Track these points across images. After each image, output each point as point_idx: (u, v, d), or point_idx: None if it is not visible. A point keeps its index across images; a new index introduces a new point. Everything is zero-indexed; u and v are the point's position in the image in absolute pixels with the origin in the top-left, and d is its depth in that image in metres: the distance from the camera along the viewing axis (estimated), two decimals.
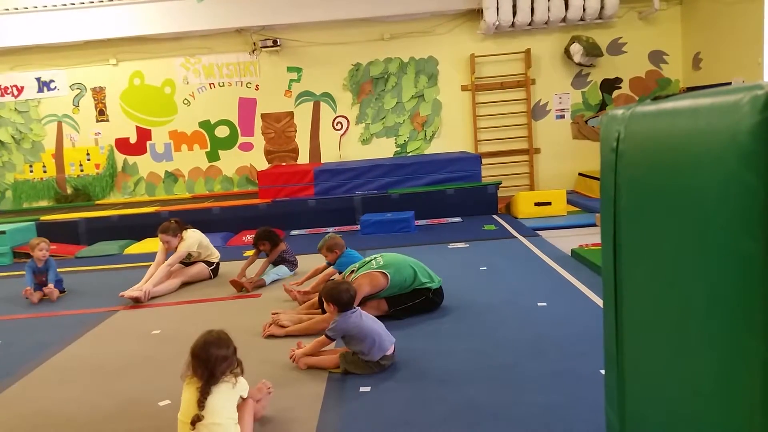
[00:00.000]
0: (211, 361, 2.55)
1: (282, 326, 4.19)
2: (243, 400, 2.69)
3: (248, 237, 7.98)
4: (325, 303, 3.56)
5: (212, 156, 10.70)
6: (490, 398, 3.04)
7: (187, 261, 5.92)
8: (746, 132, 1.08)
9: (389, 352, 3.49)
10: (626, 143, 1.63)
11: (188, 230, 5.88)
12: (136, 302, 5.28)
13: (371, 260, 4.45)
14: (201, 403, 2.49)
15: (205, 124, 10.61)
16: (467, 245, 6.70)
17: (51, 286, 5.70)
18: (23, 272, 5.89)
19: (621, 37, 10.13)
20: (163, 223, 5.80)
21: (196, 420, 2.47)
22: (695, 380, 1.34)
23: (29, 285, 5.68)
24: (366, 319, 3.51)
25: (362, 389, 3.26)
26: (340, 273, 4.80)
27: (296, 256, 6.00)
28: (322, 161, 10.51)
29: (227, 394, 2.59)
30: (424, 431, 2.78)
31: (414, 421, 2.88)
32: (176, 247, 5.76)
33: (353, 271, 4.45)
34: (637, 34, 10.11)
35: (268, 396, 3.03)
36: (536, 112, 10.37)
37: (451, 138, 10.46)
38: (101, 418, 3.16)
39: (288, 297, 4.96)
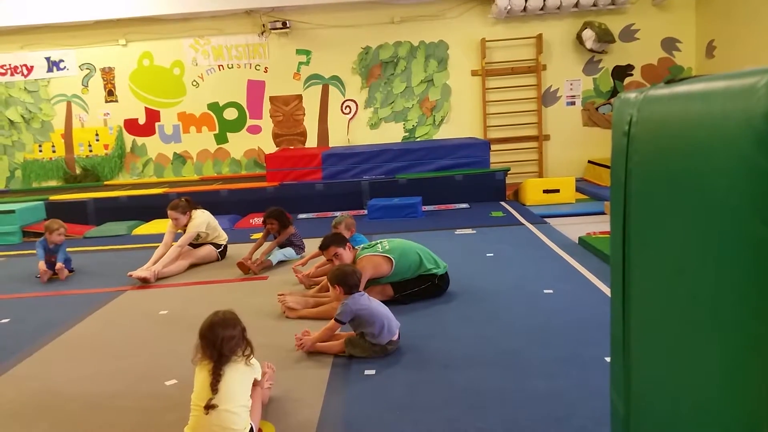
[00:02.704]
0: (218, 341, 2.54)
1: (293, 309, 4.21)
2: (253, 385, 2.69)
3: (256, 220, 8.01)
4: (331, 287, 3.57)
5: (220, 138, 10.71)
6: (495, 383, 3.05)
7: (195, 242, 5.93)
8: (761, 116, 1.06)
9: (395, 337, 3.50)
10: (638, 127, 1.61)
11: (197, 210, 5.90)
12: (144, 282, 5.31)
13: (377, 244, 4.44)
14: (214, 386, 2.47)
15: (214, 106, 10.60)
16: (474, 231, 6.69)
17: (61, 264, 5.74)
18: (33, 251, 5.93)
19: (634, 24, 10.02)
20: (172, 201, 5.83)
21: (210, 407, 2.45)
22: (702, 367, 1.33)
23: (41, 260, 5.71)
24: (373, 303, 3.52)
25: (367, 372, 3.27)
26: None
27: (303, 240, 6.01)
28: (330, 145, 10.50)
29: (241, 376, 2.58)
30: (428, 414, 2.79)
31: (418, 404, 2.89)
32: (185, 226, 5.78)
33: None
34: (650, 20, 10.00)
35: (273, 376, 3.05)
36: (547, 98, 10.30)
37: (460, 123, 10.42)
38: (108, 396, 3.19)
39: (296, 280, 4.98)
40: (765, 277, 1.09)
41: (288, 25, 10.06)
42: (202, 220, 5.84)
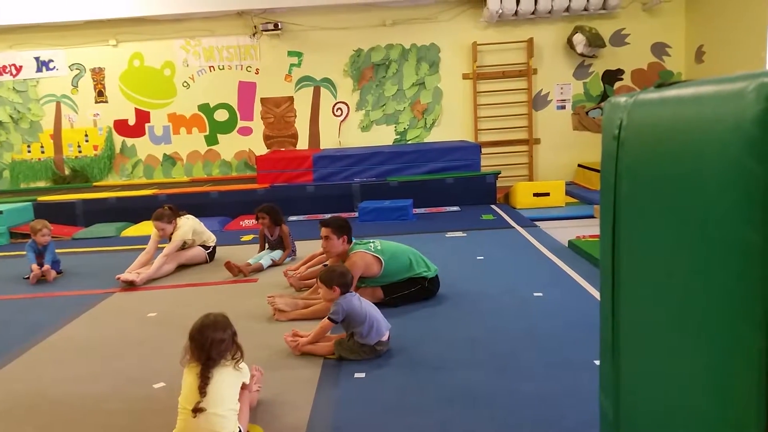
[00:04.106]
0: (207, 343, 2.51)
1: (283, 311, 4.19)
2: (241, 388, 2.67)
3: (246, 222, 7.98)
4: (326, 288, 3.53)
5: (211, 140, 10.66)
6: (485, 386, 3.04)
7: (182, 247, 5.88)
8: (751, 120, 1.06)
9: (385, 337, 3.49)
10: (628, 131, 1.62)
11: (182, 218, 5.84)
12: (131, 285, 5.26)
13: (369, 242, 4.43)
14: (202, 389, 2.45)
15: (204, 108, 10.56)
16: (465, 234, 6.69)
17: (47, 266, 5.69)
18: (21, 252, 5.89)
19: (624, 28, 10.08)
20: (156, 210, 5.74)
21: (197, 410, 2.42)
22: (691, 370, 1.34)
23: (33, 262, 5.67)
24: (364, 302, 3.52)
25: (357, 375, 3.26)
26: None
27: (295, 243, 6.00)
28: (322, 147, 10.48)
29: (229, 380, 2.56)
30: (418, 417, 2.78)
31: (408, 407, 2.88)
32: (171, 235, 5.72)
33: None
34: (641, 25, 10.06)
35: (261, 379, 3.03)
36: (537, 102, 10.33)
37: (451, 127, 10.43)
38: (96, 398, 3.16)
39: (286, 283, 4.96)
40: (753, 282, 1.10)
41: (279, 27, 10.04)
42: (187, 228, 5.77)
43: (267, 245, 5.89)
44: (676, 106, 1.38)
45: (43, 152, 10.72)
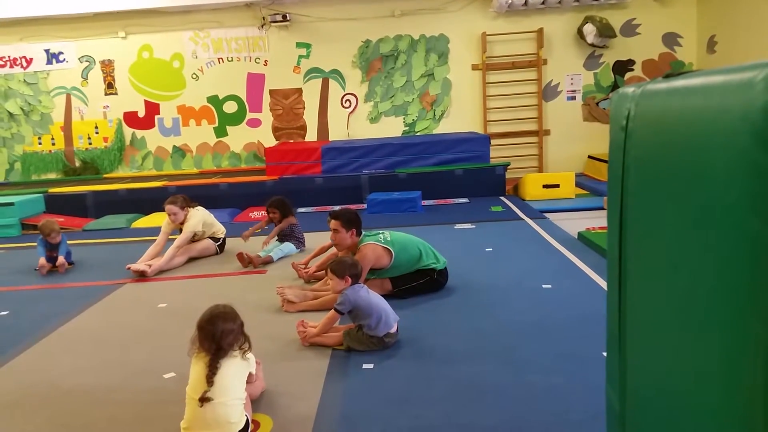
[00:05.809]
0: (218, 333, 2.54)
1: (291, 302, 4.21)
2: (247, 380, 2.69)
3: (255, 214, 8.01)
4: (337, 279, 3.51)
5: (220, 132, 10.69)
6: (492, 378, 3.05)
7: (192, 239, 5.91)
8: (759, 110, 1.05)
9: (393, 329, 3.50)
10: (636, 122, 1.60)
11: (193, 209, 5.88)
12: (142, 276, 5.30)
13: (379, 233, 4.43)
14: (210, 378, 2.47)
15: (213, 99, 10.58)
16: (474, 226, 6.68)
17: (62, 258, 5.74)
18: (32, 243, 5.93)
19: (635, 18, 9.98)
20: (170, 197, 5.84)
21: (204, 399, 2.45)
22: (698, 362, 1.33)
23: (42, 256, 5.71)
24: (371, 294, 3.53)
25: (365, 366, 3.27)
26: None
27: (303, 234, 6.01)
28: (330, 139, 10.48)
29: (236, 370, 2.58)
30: (426, 408, 2.79)
31: (416, 398, 2.89)
32: (181, 223, 5.77)
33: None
34: (652, 15, 9.96)
35: (260, 369, 3.04)
36: (547, 93, 10.27)
37: (460, 118, 10.40)
38: (106, 389, 3.20)
39: (295, 275, 4.97)
40: (761, 274, 1.09)
41: (288, 18, 10.03)
42: (197, 219, 5.82)
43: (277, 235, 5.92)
44: (683, 96, 1.37)
45: (53, 144, 10.78)
